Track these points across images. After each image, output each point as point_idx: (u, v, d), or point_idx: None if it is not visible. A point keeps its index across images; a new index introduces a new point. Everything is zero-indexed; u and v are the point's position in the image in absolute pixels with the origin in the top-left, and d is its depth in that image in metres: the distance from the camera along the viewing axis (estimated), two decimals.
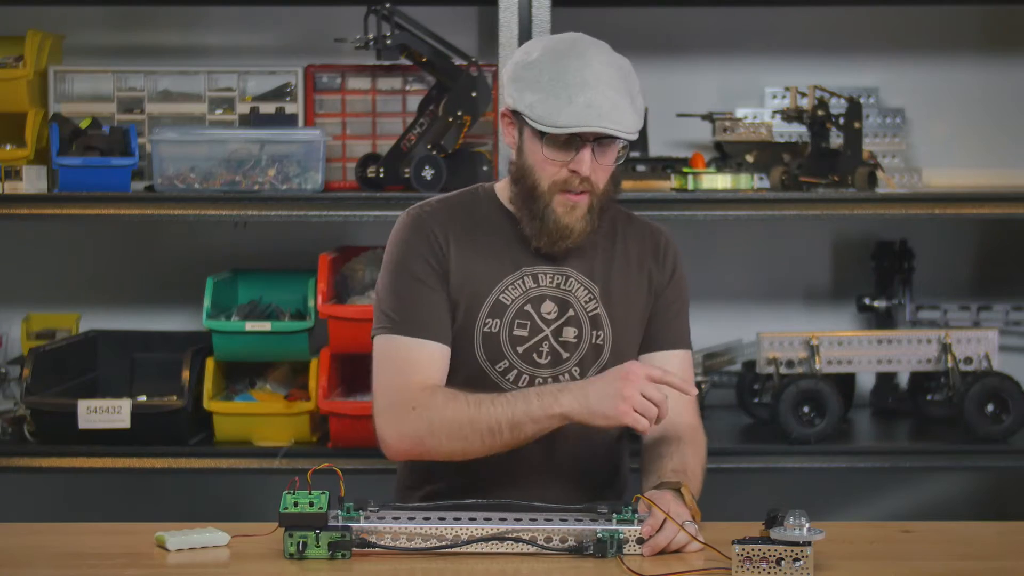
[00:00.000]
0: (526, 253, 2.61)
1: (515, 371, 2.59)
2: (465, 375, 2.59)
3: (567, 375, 2.60)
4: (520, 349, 2.59)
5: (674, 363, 2.64)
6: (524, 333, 2.60)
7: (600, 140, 2.51)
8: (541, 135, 2.51)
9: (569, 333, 2.61)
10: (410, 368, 2.54)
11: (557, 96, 2.48)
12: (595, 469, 2.66)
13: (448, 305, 2.59)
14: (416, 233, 2.61)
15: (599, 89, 2.48)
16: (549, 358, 2.60)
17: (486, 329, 2.59)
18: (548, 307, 2.61)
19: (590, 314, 2.62)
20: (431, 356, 2.56)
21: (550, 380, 2.58)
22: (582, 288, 2.62)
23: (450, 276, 2.59)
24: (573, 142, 2.51)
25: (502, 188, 2.66)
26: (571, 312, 2.61)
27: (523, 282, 2.61)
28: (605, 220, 2.65)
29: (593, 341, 2.62)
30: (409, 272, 2.59)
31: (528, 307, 2.60)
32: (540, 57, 2.53)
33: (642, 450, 2.62)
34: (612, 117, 2.48)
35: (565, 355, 2.61)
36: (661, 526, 2.25)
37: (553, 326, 2.61)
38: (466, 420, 2.46)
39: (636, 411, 2.37)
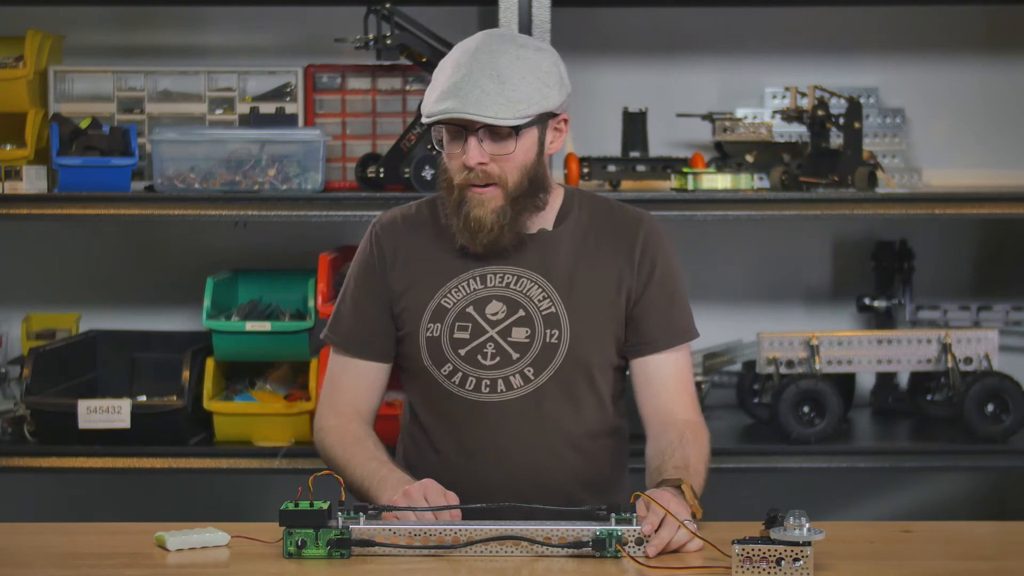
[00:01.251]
0: (477, 255, 2.61)
1: (460, 374, 2.59)
2: (420, 380, 2.63)
3: (518, 375, 2.58)
4: (462, 351, 2.59)
5: (668, 366, 2.63)
6: (465, 335, 2.59)
7: (492, 131, 2.50)
8: (435, 127, 2.55)
9: (520, 333, 2.59)
10: (337, 386, 2.70)
11: (435, 89, 2.52)
12: (591, 477, 2.64)
13: (389, 320, 2.65)
14: (364, 250, 2.71)
15: (472, 78, 2.48)
16: (496, 359, 2.58)
17: (428, 334, 2.60)
18: (494, 307, 2.60)
19: (544, 313, 2.59)
20: (361, 375, 2.68)
21: (499, 381, 2.58)
22: (535, 287, 2.60)
23: (392, 288, 2.64)
24: (462, 134, 2.52)
25: None
26: (521, 312, 2.59)
27: (467, 284, 2.61)
28: (582, 214, 2.65)
29: (547, 340, 2.58)
30: (350, 290, 2.70)
31: (470, 309, 2.60)
32: (447, 57, 2.56)
33: (646, 449, 2.61)
34: (479, 104, 2.47)
35: (515, 355, 2.58)
36: (661, 524, 2.25)
37: (500, 327, 2.59)
38: (340, 465, 2.61)
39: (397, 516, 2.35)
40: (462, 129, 2.51)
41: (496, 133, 2.50)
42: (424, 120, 2.54)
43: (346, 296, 2.70)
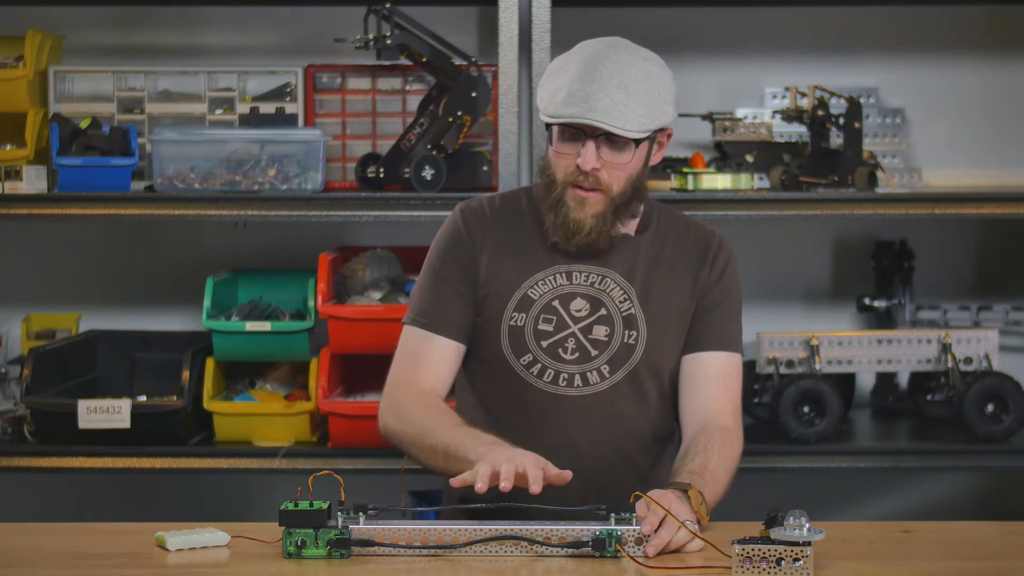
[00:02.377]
0: (563, 252, 2.65)
1: (539, 365, 2.63)
2: (494, 368, 2.66)
3: (595, 372, 2.63)
4: (544, 344, 2.63)
5: (715, 365, 2.67)
6: (550, 328, 2.64)
7: (610, 138, 2.55)
8: (550, 127, 2.59)
9: (600, 331, 2.64)
10: (416, 362, 2.67)
11: (562, 89, 2.55)
12: (653, 478, 2.65)
13: (469, 304, 2.67)
14: (451, 231, 2.72)
15: (602, 85, 2.53)
16: (576, 354, 2.63)
17: (512, 322, 2.64)
18: (579, 304, 2.65)
19: (624, 314, 2.64)
20: (440, 352, 2.66)
21: (576, 376, 2.62)
22: (618, 288, 2.65)
23: (479, 273, 2.67)
24: (581, 136, 2.56)
25: None
26: (603, 311, 2.64)
27: (554, 279, 2.66)
28: (661, 224, 2.71)
29: (625, 340, 2.64)
30: (435, 269, 2.71)
31: (556, 303, 2.64)
32: (571, 54, 2.61)
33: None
34: (609, 113, 2.52)
35: (594, 352, 2.63)
36: (660, 524, 2.25)
37: (582, 323, 2.64)
38: (418, 432, 2.57)
39: (495, 472, 2.31)
40: (581, 132, 2.55)
41: (614, 142, 2.56)
42: (548, 119, 2.57)
43: (429, 275, 2.71)
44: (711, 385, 2.67)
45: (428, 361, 2.67)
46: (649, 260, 2.68)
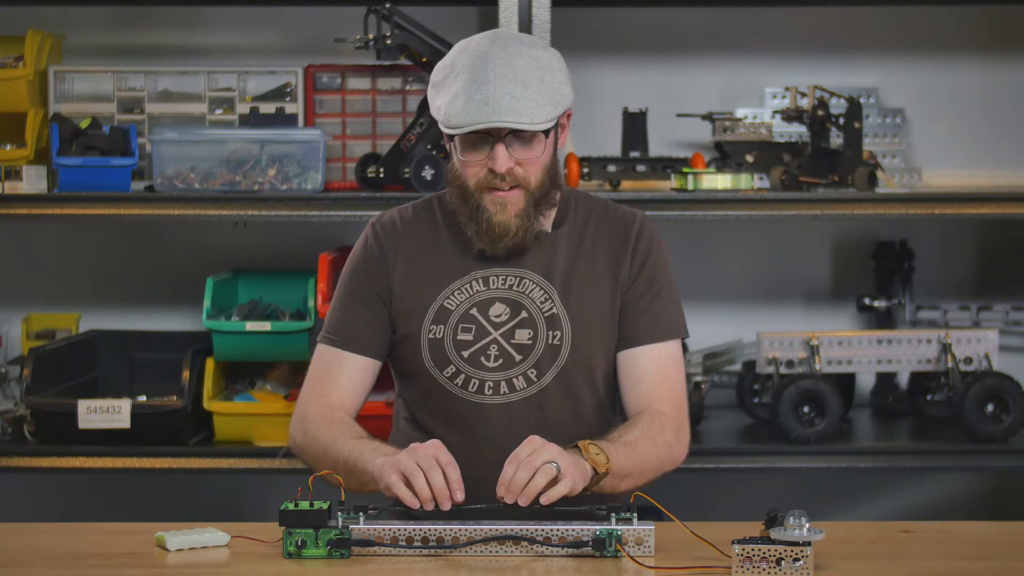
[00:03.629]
0: (478, 258, 2.61)
1: (462, 376, 2.59)
2: (420, 383, 2.63)
3: (521, 377, 2.59)
4: (466, 353, 2.59)
5: (647, 360, 2.61)
6: (469, 337, 2.59)
7: (518, 134, 2.51)
8: (452, 137, 2.54)
9: (523, 335, 2.59)
10: (326, 379, 2.65)
11: (456, 97, 2.50)
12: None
13: (381, 320, 2.64)
14: (363, 247, 2.69)
15: (497, 84, 2.48)
16: (499, 361, 2.59)
17: (431, 335, 2.60)
18: (498, 309, 2.60)
19: (546, 314, 2.60)
20: (350, 368, 2.65)
21: (502, 383, 2.58)
22: (537, 288, 2.61)
23: (393, 289, 2.64)
24: (487, 140, 2.52)
25: None
26: (524, 314, 2.60)
27: (471, 287, 2.61)
28: (579, 215, 2.65)
29: (550, 342, 2.59)
30: (346, 286, 2.69)
31: (474, 311, 2.60)
32: (453, 60, 2.55)
33: None
34: (513, 110, 2.47)
35: (518, 357, 2.59)
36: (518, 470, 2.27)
37: (503, 329, 2.59)
38: (321, 447, 2.56)
39: (405, 482, 2.31)
40: (487, 136, 2.51)
41: (522, 137, 2.52)
42: (450, 130, 2.51)
43: (341, 292, 2.69)
44: (646, 381, 2.61)
45: (337, 378, 2.64)
46: (568, 255, 2.63)
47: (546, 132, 2.52)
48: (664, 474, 2.55)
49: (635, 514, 2.26)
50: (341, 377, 2.64)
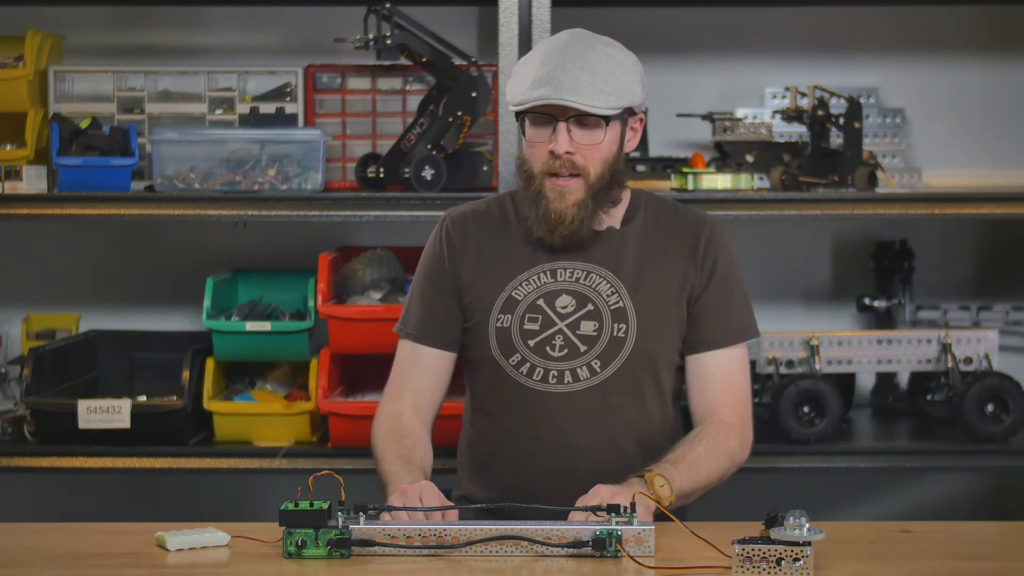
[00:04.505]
0: (547, 251, 2.67)
1: (528, 364, 2.65)
2: (487, 371, 2.69)
3: (585, 367, 2.64)
4: (531, 343, 2.64)
5: (715, 365, 2.69)
6: (535, 327, 2.65)
7: (581, 121, 2.56)
8: (520, 118, 2.61)
9: (588, 327, 2.65)
10: (405, 375, 2.75)
11: (525, 79, 2.58)
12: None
13: (455, 312, 2.71)
14: (434, 242, 2.77)
15: (566, 68, 2.55)
16: (564, 351, 2.64)
17: (498, 324, 2.66)
18: (564, 301, 2.66)
19: (612, 307, 2.65)
20: (428, 363, 2.74)
21: (566, 372, 2.63)
22: (604, 282, 2.66)
23: (463, 280, 2.70)
24: (551, 122, 2.58)
25: None
26: (590, 306, 2.65)
27: (538, 278, 2.67)
28: (648, 214, 2.71)
29: (614, 334, 2.64)
30: (419, 281, 2.76)
31: (541, 301, 2.66)
32: (533, 52, 2.64)
33: None
34: (575, 92, 2.53)
35: (583, 348, 2.64)
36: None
37: (569, 320, 2.65)
38: (377, 454, 2.67)
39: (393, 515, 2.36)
40: (551, 118, 2.57)
41: (585, 124, 2.58)
42: (515, 107, 2.60)
43: (415, 288, 2.77)
44: (715, 386, 2.69)
45: (416, 374, 2.74)
46: (636, 252, 2.68)
47: (607, 120, 2.57)
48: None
49: (635, 514, 2.26)
50: (419, 373, 2.74)
